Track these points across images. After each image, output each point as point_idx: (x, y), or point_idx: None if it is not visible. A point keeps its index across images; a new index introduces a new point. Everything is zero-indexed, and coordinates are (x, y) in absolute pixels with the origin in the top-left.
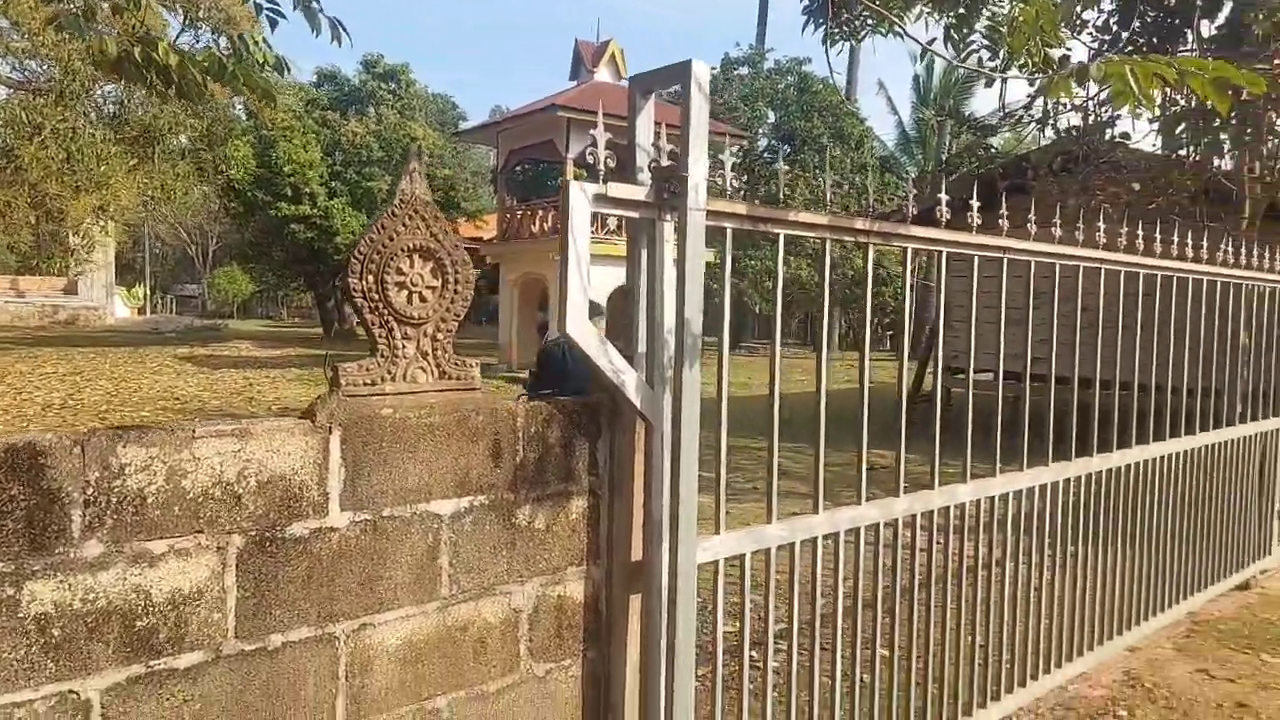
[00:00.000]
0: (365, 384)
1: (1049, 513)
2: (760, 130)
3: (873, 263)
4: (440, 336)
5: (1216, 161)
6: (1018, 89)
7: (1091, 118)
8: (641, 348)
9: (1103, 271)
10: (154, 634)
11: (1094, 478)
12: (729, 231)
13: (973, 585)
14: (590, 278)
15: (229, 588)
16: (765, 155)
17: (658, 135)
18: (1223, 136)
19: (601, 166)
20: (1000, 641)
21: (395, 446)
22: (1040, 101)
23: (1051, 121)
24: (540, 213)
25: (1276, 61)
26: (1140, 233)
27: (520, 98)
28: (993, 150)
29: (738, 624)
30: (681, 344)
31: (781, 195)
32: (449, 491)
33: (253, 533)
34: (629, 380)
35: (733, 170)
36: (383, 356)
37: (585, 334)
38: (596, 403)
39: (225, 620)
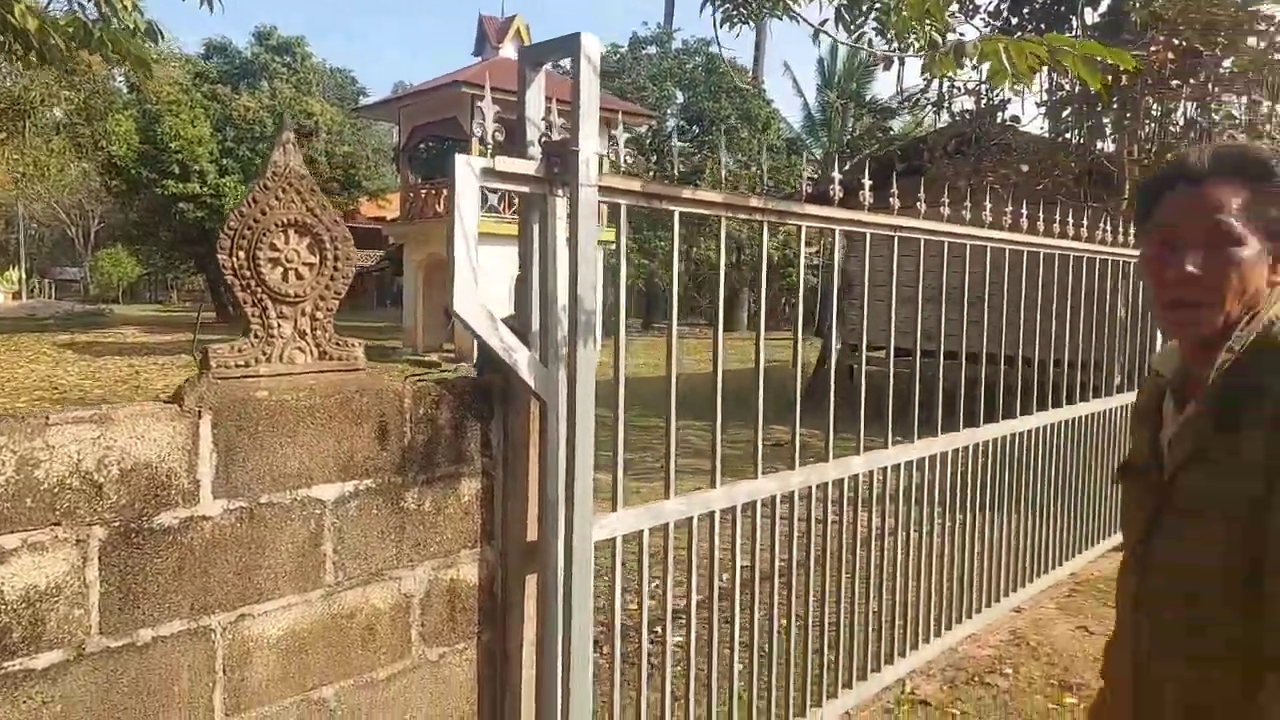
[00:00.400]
0: (238, 365)
1: (940, 482)
2: (669, 110)
3: (780, 244)
4: (320, 316)
5: (1099, 144)
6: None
7: (984, 102)
8: (535, 326)
9: (988, 249)
10: (6, 634)
11: (982, 447)
12: (623, 208)
13: (868, 554)
14: (479, 254)
15: (91, 582)
16: (674, 135)
17: (549, 110)
18: (1105, 121)
19: (490, 140)
20: (895, 608)
21: (272, 430)
22: (936, 85)
23: (946, 105)
24: (445, 191)
25: (1153, 48)
26: (1025, 212)
27: (428, 74)
28: (891, 133)
29: (641, 601)
30: (575, 321)
31: (676, 172)
32: (332, 476)
33: (116, 524)
34: (521, 359)
35: (641, 151)
36: (256, 337)
37: (474, 312)
38: (489, 382)
39: (88, 616)
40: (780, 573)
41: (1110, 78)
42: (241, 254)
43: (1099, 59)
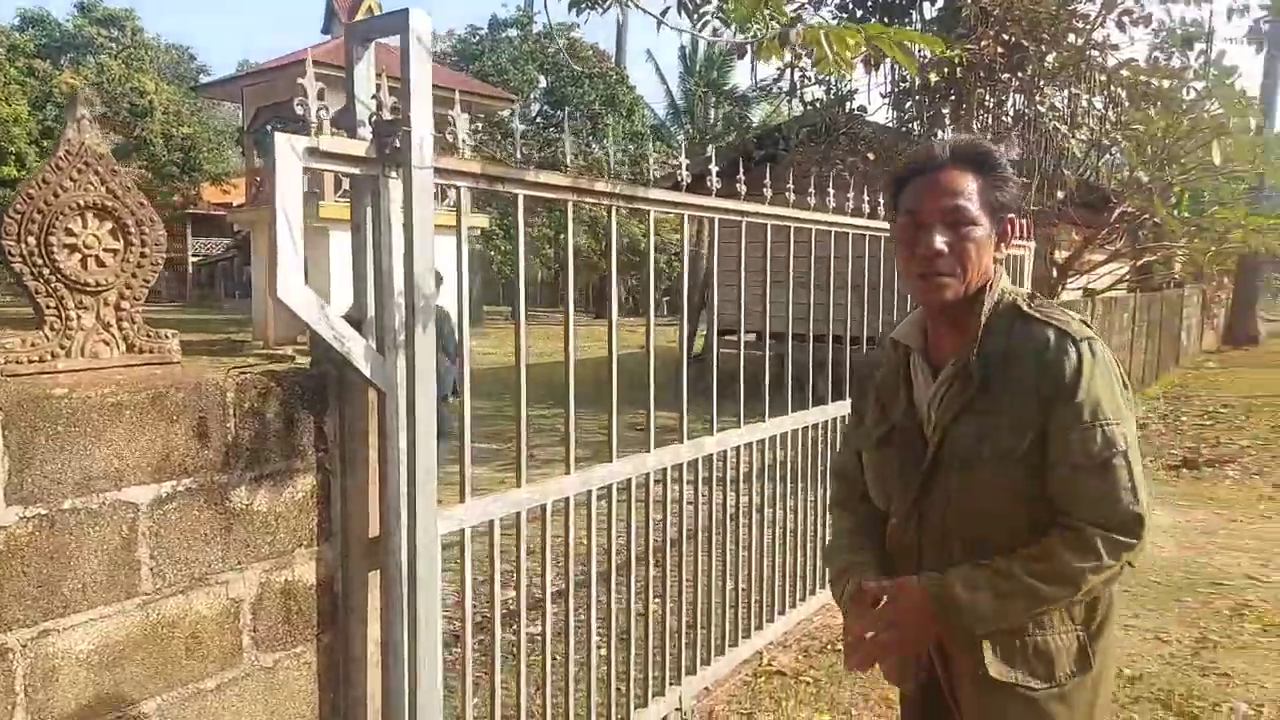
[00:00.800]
0: (31, 361)
1: (794, 459)
2: (533, 95)
3: (648, 230)
4: (126, 306)
5: (938, 133)
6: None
7: (832, 92)
8: (371, 313)
9: (833, 234)
10: None
11: (832, 424)
12: (463, 191)
13: (723, 534)
14: (301, 238)
15: None
16: (538, 120)
17: (379, 88)
18: (943, 111)
19: (313, 118)
20: (753, 584)
21: (74, 430)
22: (789, 75)
23: (799, 94)
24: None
25: (983, 43)
26: (866, 199)
27: (277, 52)
28: (748, 122)
29: (508, 590)
30: (412, 308)
31: (519, 155)
32: (146, 477)
33: None
34: (356, 347)
35: (505, 136)
36: (52, 329)
37: (301, 299)
38: (323, 373)
39: None
40: (639, 558)
41: (946, 71)
42: (32, 240)
43: (915, 45)
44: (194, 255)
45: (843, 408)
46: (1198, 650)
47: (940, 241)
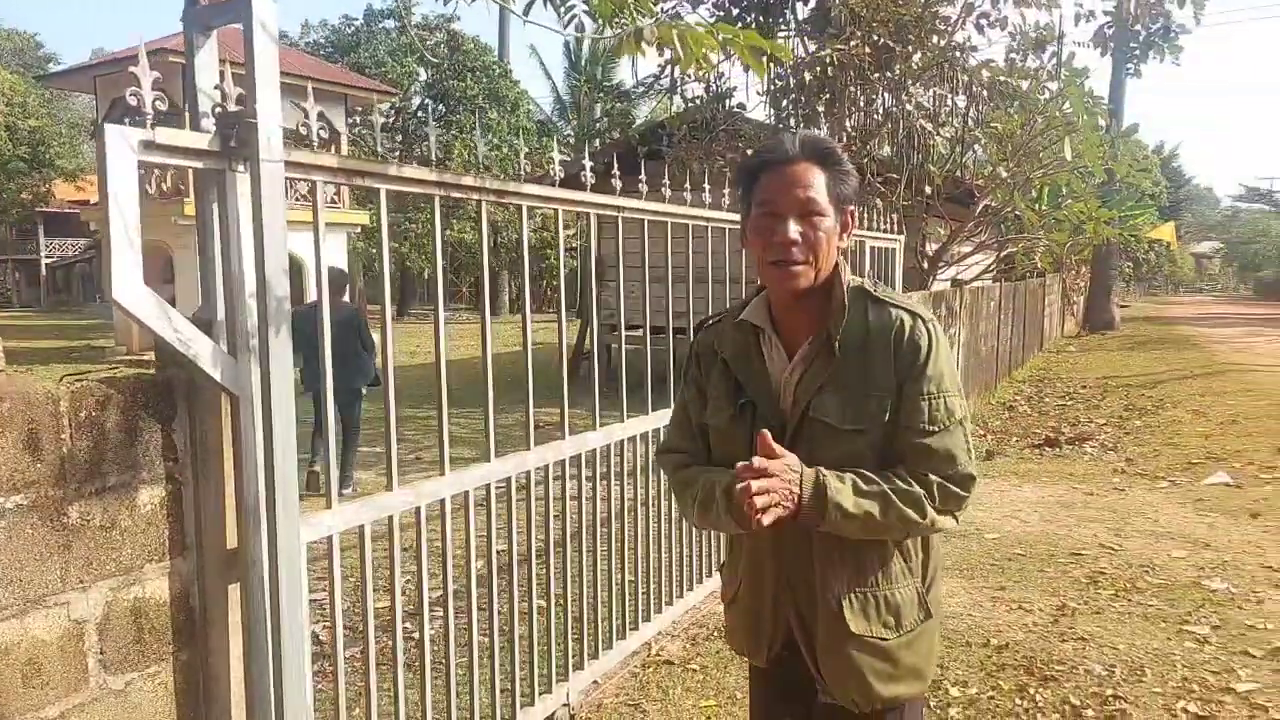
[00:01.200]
0: None
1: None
2: (413, 89)
3: (539, 226)
4: None
5: (814, 130)
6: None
7: (712, 89)
8: (221, 315)
9: (709, 229)
10: None
11: None
12: (318, 185)
13: (610, 529)
14: (138, 236)
15: None
16: (419, 114)
17: (223, 77)
18: (818, 109)
19: (149, 110)
20: (640, 575)
21: None
22: (670, 71)
23: (680, 91)
24: (157, 171)
25: (853, 44)
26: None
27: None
28: (631, 118)
29: (386, 597)
30: (265, 309)
31: (380, 148)
32: None
33: None
34: (203, 351)
35: (383, 130)
36: None
37: (139, 300)
38: (170, 378)
39: None
40: (521, 559)
41: (819, 70)
42: None
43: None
44: (48, 257)
45: None
46: (1057, 618)
47: (794, 231)
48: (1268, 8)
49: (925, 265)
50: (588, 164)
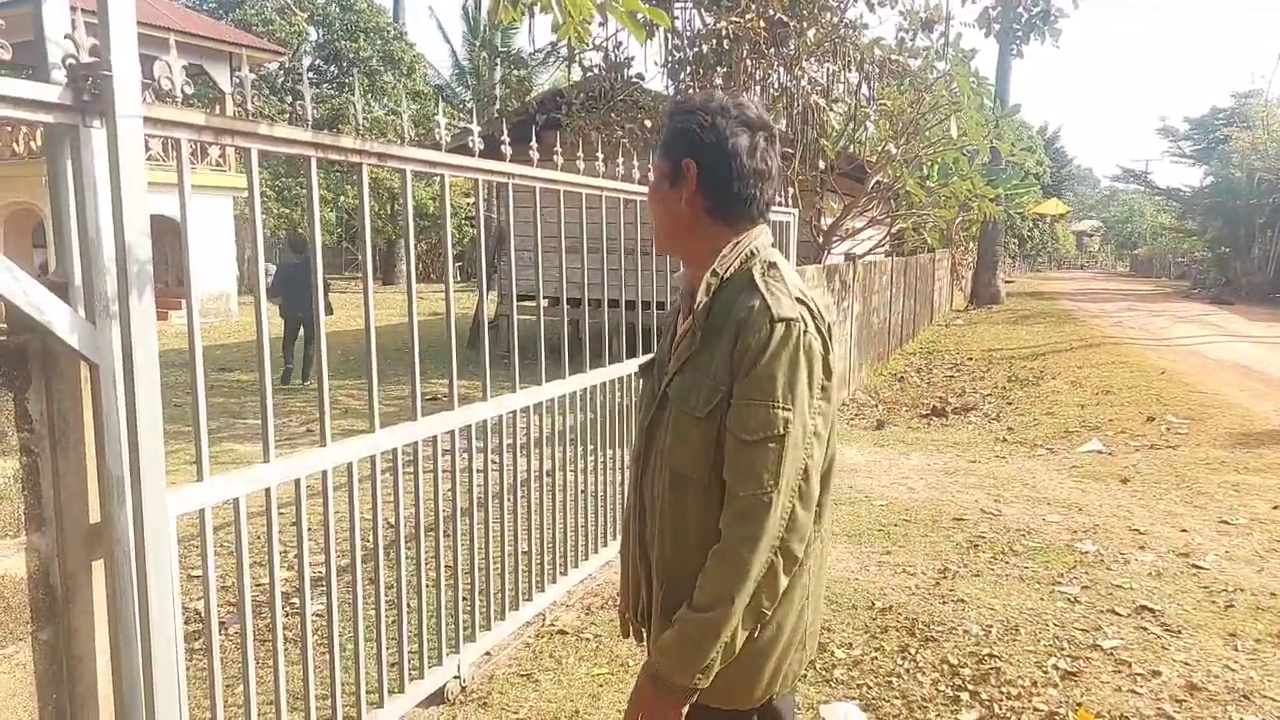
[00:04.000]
0: None
1: (577, 422)
2: (304, 49)
3: (436, 194)
4: None
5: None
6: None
7: (611, 58)
8: (79, 279)
9: (603, 198)
10: None
11: (616, 384)
12: (183, 143)
13: (501, 501)
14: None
15: None
16: (311, 75)
17: (75, 26)
18: (716, 82)
19: None
20: (536, 546)
21: None
22: (566, 40)
23: (577, 60)
24: (25, 129)
25: (748, 17)
26: (636, 164)
27: None
28: (527, 85)
29: (285, 571)
30: (125, 273)
31: (251, 110)
32: None
33: None
34: (59, 316)
35: (273, 91)
36: None
37: None
38: (22, 345)
39: None
40: (408, 536)
41: (715, 43)
42: None
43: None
44: None
45: (619, 369)
46: (939, 580)
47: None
48: None
49: (820, 239)
50: (475, 129)
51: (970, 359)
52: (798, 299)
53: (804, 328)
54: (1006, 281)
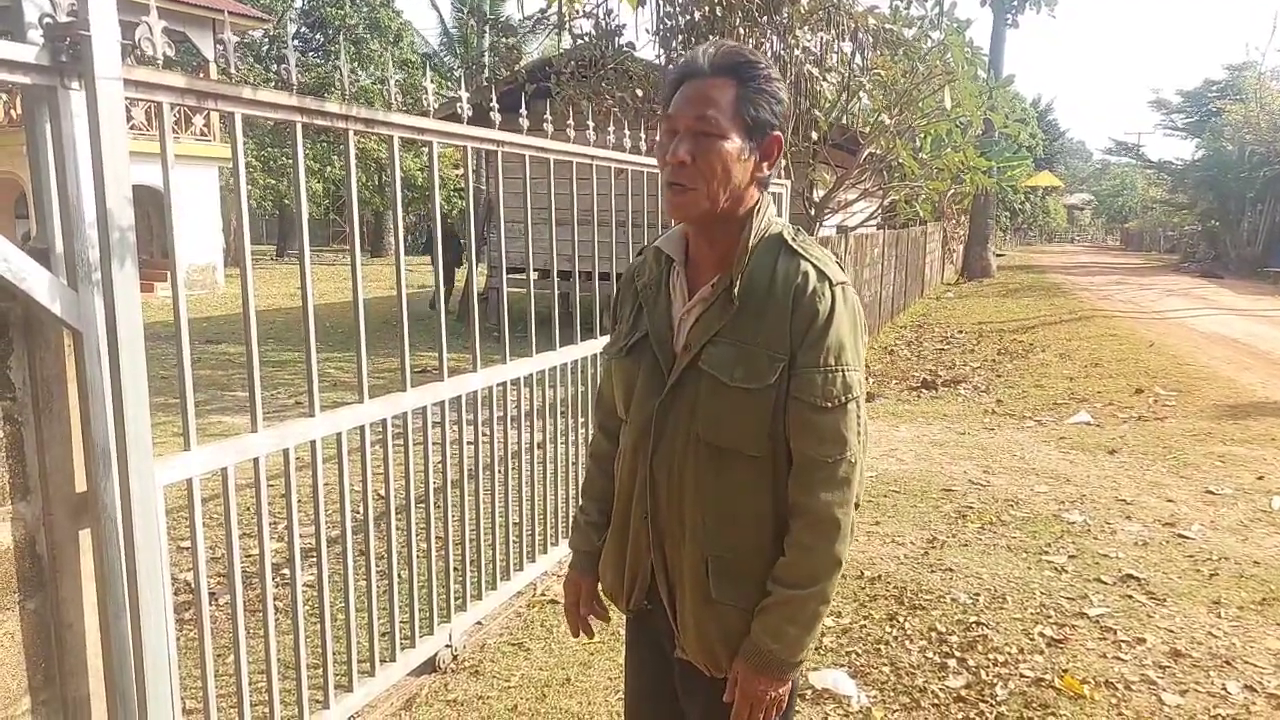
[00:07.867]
0: None
1: (569, 393)
2: (290, 16)
3: (425, 164)
4: None
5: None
6: None
7: (601, 26)
8: (60, 246)
9: (594, 167)
10: None
11: (596, 358)
12: (165, 107)
13: (493, 473)
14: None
15: None
16: (297, 43)
17: None
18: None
19: None
20: (528, 517)
21: None
22: (556, 7)
23: (568, 28)
24: (5, 96)
25: None
26: (628, 133)
27: None
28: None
29: (277, 541)
30: (107, 239)
31: (234, 69)
32: None
33: None
34: (39, 283)
35: (258, 60)
36: None
37: None
38: (3, 313)
39: None
40: (399, 507)
41: (708, 10)
42: None
43: None
44: None
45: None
46: (928, 550)
47: (684, 151)
48: None
49: (812, 211)
50: (464, 95)
51: (961, 332)
52: None
53: (852, 290)
54: (997, 255)
